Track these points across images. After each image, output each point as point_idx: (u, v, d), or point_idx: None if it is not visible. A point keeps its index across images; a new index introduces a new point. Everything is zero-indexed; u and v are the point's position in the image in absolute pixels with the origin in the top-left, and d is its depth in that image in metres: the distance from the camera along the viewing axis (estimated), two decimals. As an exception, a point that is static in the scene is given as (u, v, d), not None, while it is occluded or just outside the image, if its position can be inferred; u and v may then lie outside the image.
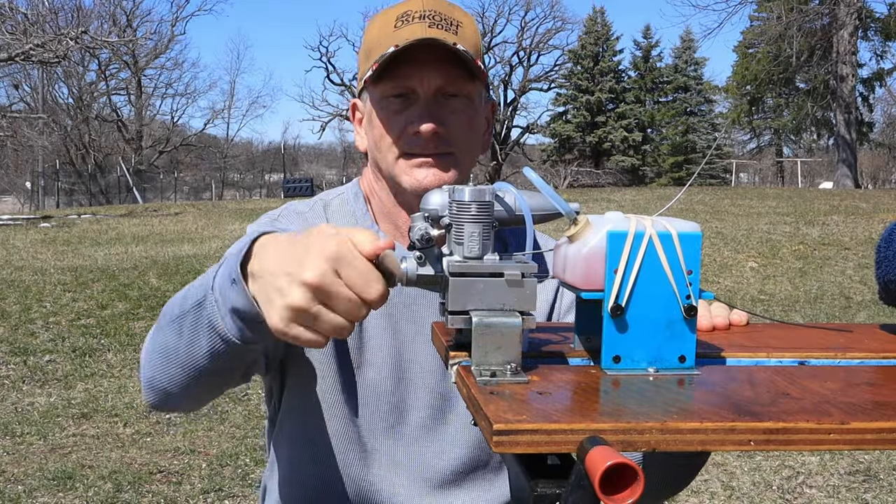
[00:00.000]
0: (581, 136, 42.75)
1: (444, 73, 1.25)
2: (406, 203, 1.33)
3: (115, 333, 7.08)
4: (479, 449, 1.34)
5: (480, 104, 1.33)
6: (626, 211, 0.89)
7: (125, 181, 33.98)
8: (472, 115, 1.30)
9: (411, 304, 1.31)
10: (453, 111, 1.28)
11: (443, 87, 1.26)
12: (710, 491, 4.08)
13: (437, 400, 1.32)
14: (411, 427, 1.32)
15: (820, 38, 29.25)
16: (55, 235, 13.63)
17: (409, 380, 1.31)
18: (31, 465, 4.47)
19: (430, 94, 1.26)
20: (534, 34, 39.95)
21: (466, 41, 1.27)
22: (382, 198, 1.36)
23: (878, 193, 20.86)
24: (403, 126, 1.27)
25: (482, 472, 1.35)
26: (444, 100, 1.27)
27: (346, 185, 1.43)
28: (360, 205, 1.38)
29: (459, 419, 1.33)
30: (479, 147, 1.35)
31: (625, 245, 0.80)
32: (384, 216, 1.36)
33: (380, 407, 1.31)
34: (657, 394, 0.75)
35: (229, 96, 53.71)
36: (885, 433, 0.68)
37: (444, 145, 1.27)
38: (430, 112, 1.25)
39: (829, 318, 7.81)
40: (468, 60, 1.24)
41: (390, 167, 1.30)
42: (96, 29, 23.01)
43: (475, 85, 1.30)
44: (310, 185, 27.84)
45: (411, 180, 1.27)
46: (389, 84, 1.27)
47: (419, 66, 1.25)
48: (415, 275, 0.89)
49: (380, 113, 1.29)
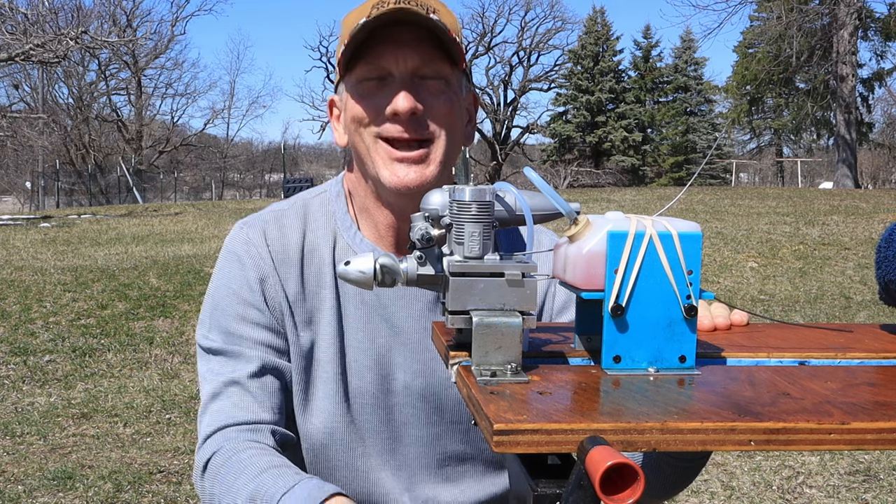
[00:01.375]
0: (581, 136, 42.74)
1: (420, 52, 1.22)
2: (385, 200, 1.30)
3: (115, 333, 7.08)
4: (466, 443, 1.36)
5: (460, 91, 1.29)
6: (626, 211, 0.89)
7: (125, 181, 33.97)
8: (452, 99, 1.26)
9: (388, 305, 1.32)
10: (431, 93, 1.24)
11: (419, 67, 1.23)
12: (710, 491, 4.08)
13: (420, 400, 1.33)
14: (399, 426, 1.33)
15: (820, 38, 29.24)
16: (55, 235, 13.63)
17: (391, 383, 1.32)
18: (31, 465, 4.47)
19: (407, 74, 1.23)
20: (534, 34, 39.98)
21: (443, 20, 1.22)
22: (362, 194, 1.34)
23: (878, 193, 20.85)
24: (380, 108, 1.23)
25: (471, 467, 1.37)
26: (420, 81, 1.24)
27: (330, 181, 1.42)
28: (340, 204, 1.36)
29: (444, 416, 1.34)
30: (461, 137, 1.31)
31: (625, 245, 0.80)
32: (365, 215, 1.34)
33: (367, 410, 1.32)
34: (657, 394, 0.75)
35: (229, 96, 53.95)
36: (886, 433, 0.68)
37: (422, 129, 1.23)
38: (407, 92, 1.22)
39: (829, 318, 7.81)
40: (444, 35, 1.20)
41: (368, 156, 1.26)
42: (96, 29, 23.01)
43: (453, 70, 1.26)
44: (310, 185, 27.70)
45: (392, 177, 1.24)
46: (364, 67, 1.24)
47: (394, 47, 1.22)
48: (415, 275, 0.89)
49: (356, 97, 1.26)
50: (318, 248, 1.33)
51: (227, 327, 1.30)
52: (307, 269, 1.32)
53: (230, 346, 1.29)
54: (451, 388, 1.33)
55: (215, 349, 1.30)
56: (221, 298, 1.31)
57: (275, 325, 1.30)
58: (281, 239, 1.32)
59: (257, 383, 1.27)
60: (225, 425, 1.23)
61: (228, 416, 1.24)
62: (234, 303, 1.30)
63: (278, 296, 1.30)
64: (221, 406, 1.25)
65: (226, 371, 1.27)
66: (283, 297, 1.30)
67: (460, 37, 1.28)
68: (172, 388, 5.87)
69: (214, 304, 1.32)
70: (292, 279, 1.31)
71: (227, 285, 1.31)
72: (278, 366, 1.29)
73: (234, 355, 1.28)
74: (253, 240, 1.32)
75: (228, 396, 1.26)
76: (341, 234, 1.34)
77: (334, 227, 1.34)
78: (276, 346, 1.30)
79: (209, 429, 1.24)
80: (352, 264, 0.91)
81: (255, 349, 1.28)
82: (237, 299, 1.30)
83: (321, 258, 1.32)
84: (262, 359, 1.28)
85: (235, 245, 1.33)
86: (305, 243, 1.33)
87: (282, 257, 1.31)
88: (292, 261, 1.32)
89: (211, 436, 1.23)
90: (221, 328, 1.30)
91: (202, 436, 1.25)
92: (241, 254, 1.32)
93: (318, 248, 1.33)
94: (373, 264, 0.90)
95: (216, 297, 1.32)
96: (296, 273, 1.31)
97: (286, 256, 1.32)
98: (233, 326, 1.29)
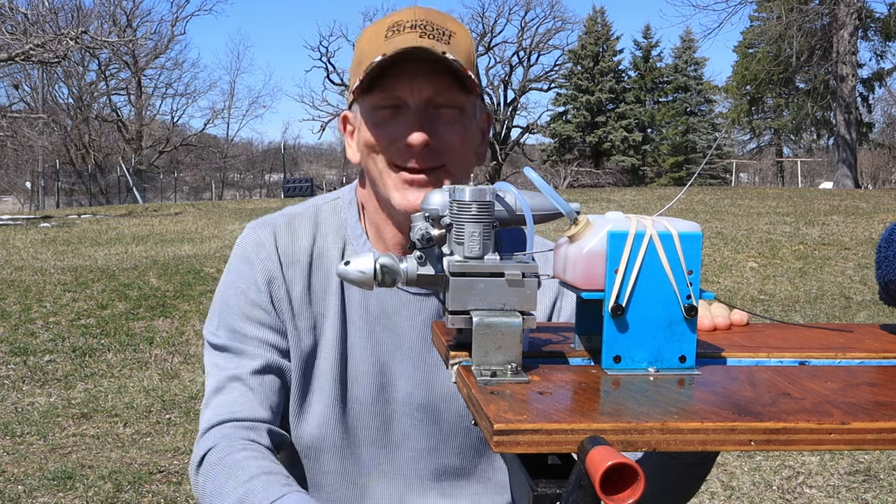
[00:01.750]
0: (581, 136, 42.74)
1: (435, 83, 1.23)
2: (394, 219, 1.32)
3: (115, 333, 7.08)
4: (463, 458, 1.36)
5: (474, 115, 1.30)
6: (627, 211, 0.89)
7: (125, 181, 33.98)
8: (465, 127, 1.27)
9: (392, 314, 1.32)
10: (445, 122, 1.25)
11: (433, 97, 1.24)
12: (710, 491, 4.08)
13: (419, 411, 1.33)
14: (396, 437, 1.33)
15: (820, 38, 29.24)
16: (55, 235, 13.63)
17: (391, 393, 1.33)
18: (31, 465, 4.47)
19: (421, 104, 1.23)
20: (534, 34, 39.98)
21: (459, 51, 1.23)
22: (371, 210, 1.35)
23: (878, 193, 20.86)
24: (393, 137, 1.24)
25: (467, 484, 1.37)
26: (435, 111, 1.24)
27: (344, 187, 1.43)
28: (352, 212, 1.37)
29: (443, 430, 1.34)
30: (473, 160, 1.32)
31: (625, 245, 0.80)
32: (374, 228, 1.36)
33: (364, 419, 1.33)
34: (657, 394, 0.75)
35: (229, 96, 53.92)
36: (886, 433, 0.68)
37: (434, 158, 1.24)
38: (421, 123, 1.23)
39: (829, 318, 7.81)
40: (458, 69, 1.21)
41: (381, 179, 1.28)
42: (96, 29, 23.00)
43: (468, 97, 1.27)
44: (310, 185, 27.82)
45: (402, 200, 1.25)
46: (379, 95, 1.25)
47: (409, 77, 1.23)
48: (415, 275, 0.89)
49: (369, 124, 1.27)
50: (327, 253, 1.34)
51: (233, 325, 1.32)
52: (314, 273, 1.34)
53: (235, 344, 1.32)
54: (450, 400, 1.34)
55: (221, 345, 1.33)
56: (230, 297, 1.34)
57: (280, 326, 1.32)
58: (291, 243, 1.34)
59: (259, 381, 1.29)
60: (224, 420, 1.26)
61: (229, 411, 1.27)
62: (241, 302, 1.33)
63: (284, 298, 1.32)
64: (223, 401, 1.28)
65: (230, 367, 1.31)
66: (288, 300, 1.32)
67: (473, 63, 1.29)
68: (172, 388, 5.87)
69: (223, 301, 1.35)
70: (299, 282, 1.33)
71: (236, 284, 1.34)
72: (281, 365, 1.32)
73: (239, 352, 1.31)
74: (263, 241, 1.34)
75: (230, 392, 1.29)
76: (351, 241, 1.35)
77: (344, 235, 1.36)
78: (279, 347, 1.32)
79: (209, 423, 1.27)
80: (352, 264, 0.91)
81: (259, 348, 1.31)
82: (244, 298, 1.33)
83: (329, 263, 1.34)
84: (266, 357, 1.30)
85: (246, 245, 1.36)
86: (315, 248, 1.35)
87: (290, 260, 1.33)
88: (301, 264, 1.33)
89: (210, 429, 1.26)
90: (228, 325, 1.33)
91: (202, 429, 1.28)
92: (250, 254, 1.34)
93: (327, 253, 1.34)
94: (373, 264, 0.90)
95: (225, 294, 1.35)
96: (303, 277, 1.33)
97: (295, 259, 1.33)
98: (239, 325, 1.32)
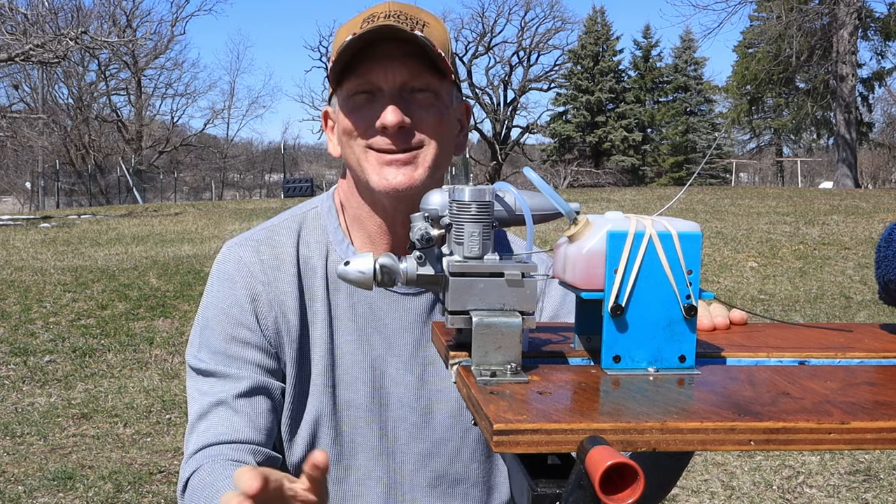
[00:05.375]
0: (581, 136, 42.75)
1: (409, 66, 1.24)
2: (379, 207, 1.31)
3: (115, 333, 7.08)
4: (456, 463, 1.35)
5: (451, 103, 1.31)
6: (626, 211, 0.89)
7: (125, 181, 33.97)
8: (440, 112, 1.27)
9: (382, 316, 1.32)
10: (420, 106, 1.25)
11: (407, 81, 1.24)
12: (710, 491, 4.08)
13: (412, 414, 1.33)
14: (389, 441, 1.33)
15: (820, 37, 29.23)
16: (55, 236, 13.63)
17: (384, 395, 1.32)
18: (31, 465, 4.47)
19: (395, 89, 1.24)
20: (534, 34, 39.99)
21: (432, 38, 1.24)
22: (354, 204, 1.34)
23: (878, 193, 20.85)
24: (369, 122, 1.25)
25: (462, 491, 1.36)
26: (410, 95, 1.25)
27: (321, 195, 1.42)
28: (332, 219, 1.37)
29: (434, 432, 1.33)
30: (451, 147, 1.32)
31: (625, 245, 0.80)
32: (357, 225, 1.35)
33: (357, 424, 1.32)
34: (657, 394, 0.75)
35: (229, 96, 53.91)
36: (886, 433, 0.68)
37: (411, 139, 1.25)
38: (396, 106, 1.23)
39: (829, 318, 7.81)
40: (430, 50, 1.21)
41: (359, 165, 1.28)
42: (96, 29, 22.97)
43: (442, 82, 1.27)
44: (310, 185, 27.83)
45: (380, 180, 1.25)
46: (354, 81, 1.26)
47: (383, 62, 1.23)
48: (415, 275, 0.89)
49: (345, 111, 1.28)
50: (311, 261, 1.33)
51: (216, 347, 1.29)
52: (300, 283, 1.32)
53: (220, 367, 1.28)
54: (442, 402, 1.33)
55: (204, 370, 1.29)
56: (212, 318, 1.30)
57: (265, 345, 1.29)
58: (274, 257, 1.32)
59: (245, 403, 1.26)
60: (210, 443, 1.23)
61: (215, 434, 1.24)
62: (224, 322, 1.29)
63: (270, 314, 1.30)
64: (208, 426, 1.25)
65: (214, 391, 1.27)
66: (275, 315, 1.30)
67: (448, 51, 1.29)
68: (172, 388, 5.87)
69: (204, 323, 1.31)
70: (286, 294, 1.31)
71: (218, 305, 1.31)
72: (268, 385, 1.28)
73: (224, 375, 1.27)
74: (245, 259, 1.32)
75: (215, 416, 1.25)
76: (334, 247, 1.34)
77: (326, 242, 1.35)
78: (266, 366, 1.29)
79: (195, 447, 1.24)
80: (351, 264, 0.91)
81: (245, 369, 1.28)
82: (227, 318, 1.29)
83: (313, 271, 1.33)
84: (252, 379, 1.27)
85: (226, 265, 1.33)
86: (299, 257, 1.33)
87: (275, 275, 1.31)
88: (286, 276, 1.31)
89: (195, 453, 1.23)
90: (211, 348, 1.29)
91: (188, 453, 1.25)
92: (232, 273, 1.31)
93: (311, 261, 1.33)
94: (372, 264, 0.90)
95: (206, 316, 1.31)
96: (289, 289, 1.31)
97: (279, 273, 1.31)
98: (223, 346, 1.28)
